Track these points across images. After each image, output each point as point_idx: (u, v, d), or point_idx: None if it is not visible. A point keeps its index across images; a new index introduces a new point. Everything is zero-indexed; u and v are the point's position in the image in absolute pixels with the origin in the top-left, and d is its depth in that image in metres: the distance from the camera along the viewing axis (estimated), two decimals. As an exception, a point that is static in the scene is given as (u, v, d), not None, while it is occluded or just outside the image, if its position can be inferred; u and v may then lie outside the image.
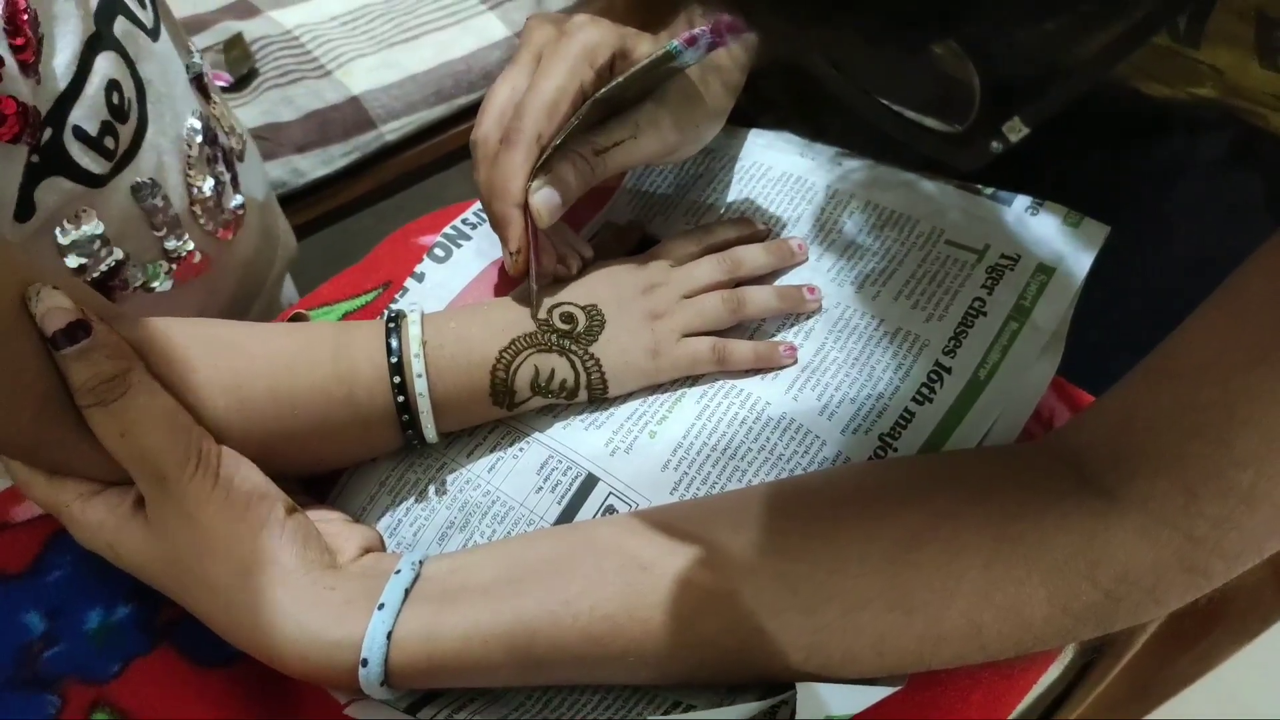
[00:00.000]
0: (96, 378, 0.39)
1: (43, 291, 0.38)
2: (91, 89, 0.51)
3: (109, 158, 0.53)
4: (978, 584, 0.39)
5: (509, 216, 0.48)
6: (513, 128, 0.48)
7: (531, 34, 0.51)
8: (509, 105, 0.49)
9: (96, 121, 0.52)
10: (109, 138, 0.53)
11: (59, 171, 0.50)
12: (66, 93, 0.50)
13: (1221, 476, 0.36)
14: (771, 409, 0.49)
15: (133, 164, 0.55)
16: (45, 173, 0.50)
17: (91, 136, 0.51)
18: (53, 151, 0.50)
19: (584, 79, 0.48)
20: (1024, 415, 0.50)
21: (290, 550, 0.40)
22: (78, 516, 0.41)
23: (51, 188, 0.50)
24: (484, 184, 0.49)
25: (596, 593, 0.40)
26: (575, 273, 0.51)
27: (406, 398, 0.45)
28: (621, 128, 0.50)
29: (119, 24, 0.54)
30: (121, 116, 0.53)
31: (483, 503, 0.47)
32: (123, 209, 0.54)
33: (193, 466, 0.40)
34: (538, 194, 0.47)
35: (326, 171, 1.00)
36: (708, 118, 0.54)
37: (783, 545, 0.40)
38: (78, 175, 0.51)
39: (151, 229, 0.56)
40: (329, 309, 0.56)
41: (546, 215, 0.47)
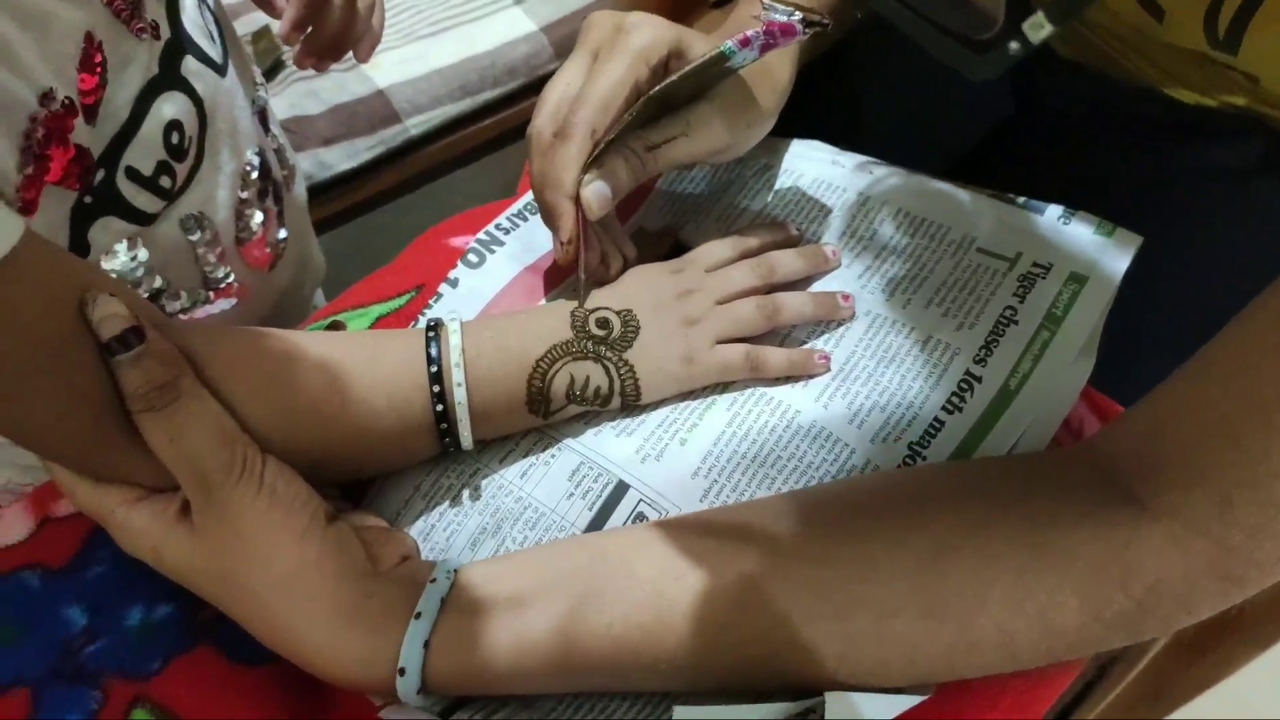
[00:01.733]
0: (149, 384, 0.39)
1: (100, 298, 0.39)
2: (147, 130, 0.51)
3: (164, 196, 0.53)
4: (1009, 592, 0.39)
5: (561, 207, 0.48)
6: (568, 121, 0.48)
7: (590, 30, 0.52)
8: (565, 99, 0.50)
9: (152, 161, 0.52)
10: (165, 177, 0.53)
11: (111, 211, 0.51)
12: (120, 134, 0.50)
13: (1257, 485, 0.36)
14: (802, 417, 0.49)
15: (183, 198, 0.55)
16: (98, 213, 0.50)
17: (146, 176, 0.52)
18: (105, 192, 0.50)
19: (640, 76, 0.49)
20: (1054, 425, 0.50)
21: (331, 559, 0.40)
22: (122, 522, 0.42)
23: (104, 227, 0.51)
24: (537, 174, 0.50)
25: (628, 602, 0.40)
26: (615, 274, 0.51)
27: (445, 406, 0.45)
28: (673, 125, 0.51)
29: (187, 63, 0.55)
30: (180, 155, 0.54)
31: (514, 509, 0.48)
32: (170, 240, 0.55)
33: (238, 473, 0.40)
34: (589, 186, 0.48)
35: (351, 165, 1.00)
36: (758, 119, 0.55)
37: (813, 552, 0.41)
38: (130, 215, 0.52)
39: (195, 260, 0.57)
40: (363, 312, 0.56)
41: (597, 207, 0.48)
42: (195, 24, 0.57)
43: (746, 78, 0.53)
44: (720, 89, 0.52)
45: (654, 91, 0.48)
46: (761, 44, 0.47)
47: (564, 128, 0.49)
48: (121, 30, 0.50)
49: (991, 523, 0.40)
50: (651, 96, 0.48)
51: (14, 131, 0.44)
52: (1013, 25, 0.31)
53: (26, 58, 0.44)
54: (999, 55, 0.32)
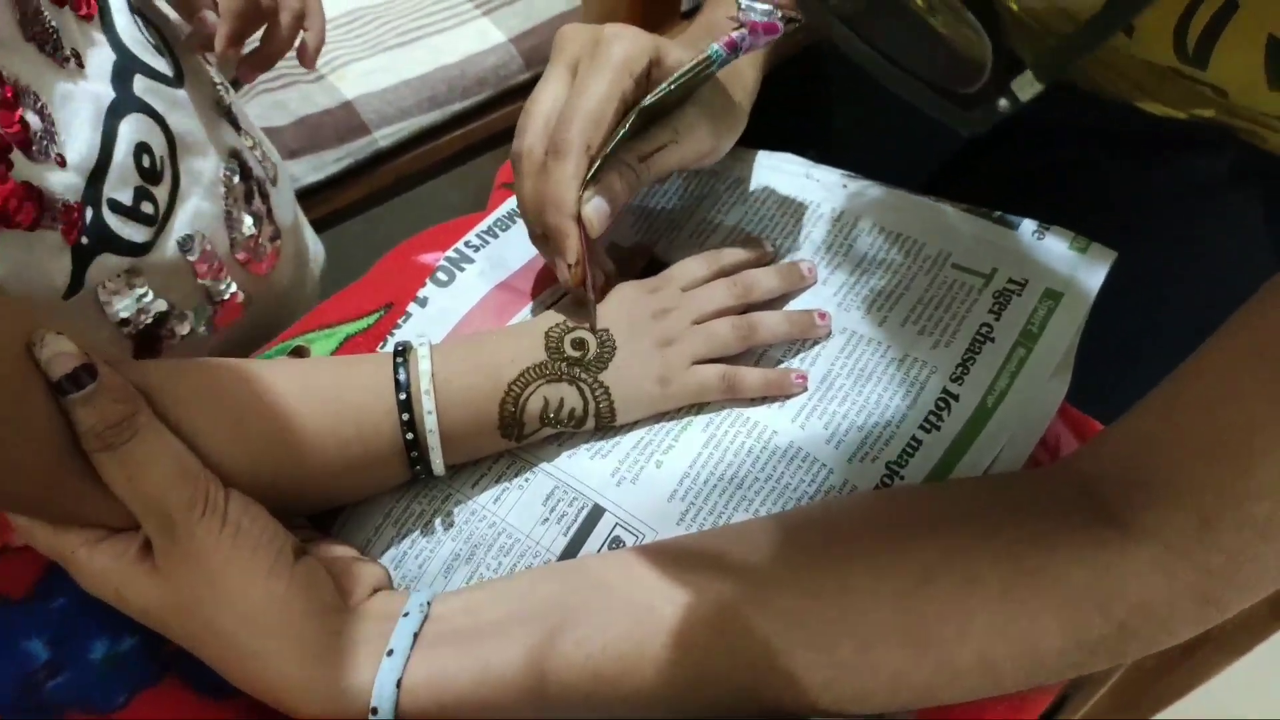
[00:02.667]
0: (103, 422, 0.38)
1: (47, 337, 0.38)
2: (119, 157, 0.50)
3: (149, 223, 0.53)
4: (992, 619, 0.39)
5: (565, 228, 0.47)
6: (560, 139, 0.47)
7: (565, 44, 0.51)
8: (551, 116, 0.49)
9: (129, 190, 0.51)
10: (146, 203, 0.52)
11: (106, 248, 0.50)
12: (95, 169, 0.49)
13: (1238, 508, 0.36)
14: (779, 438, 0.48)
15: (173, 222, 0.55)
16: (95, 252, 0.50)
17: (127, 206, 0.51)
18: (96, 230, 0.49)
19: (625, 88, 0.48)
20: (1031, 442, 0.49)
21: (299, 595, 0.39)
22: (84, 564, 0.41)
23: (100, 265, 0.50)
24: (531, 196, 0.49)
25: (607, 632, 0.39)
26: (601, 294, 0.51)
27: (415, 433, 0.44)
28: (662, 133, 0.50)
29: (138, 82, 0.54)
30: (154, 178, 0.53)
31: (488, 535, 0.47)
32: (168, 265, 0.54)
33: (200, 510, 0.39)
34: (590, 204, 0.47)
35: (318, 177, 0.99)
36: (738, 121, 0.54)
37: (794, 582, 0.40)
38: (123, 248, 0.51)
39: (195, 278, 0.56)
40: (331, 331, 0.55)
41: (599, 224, 0.47)
42: (137, 41, 0.56)
43: (721, 80, 0.53)
44: (701, 93, 0.52)
45: (646, 103, 0.47)
46: (747, 45, 0.47)
47: (557, 146, 0.47)
48: (48, 64, 0.48)
49: (973, 548, 0.40)
50: (645, 108, 0.47)
51: None
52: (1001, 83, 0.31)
53: None
54: (987, 111, 0.32)
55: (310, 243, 0.78)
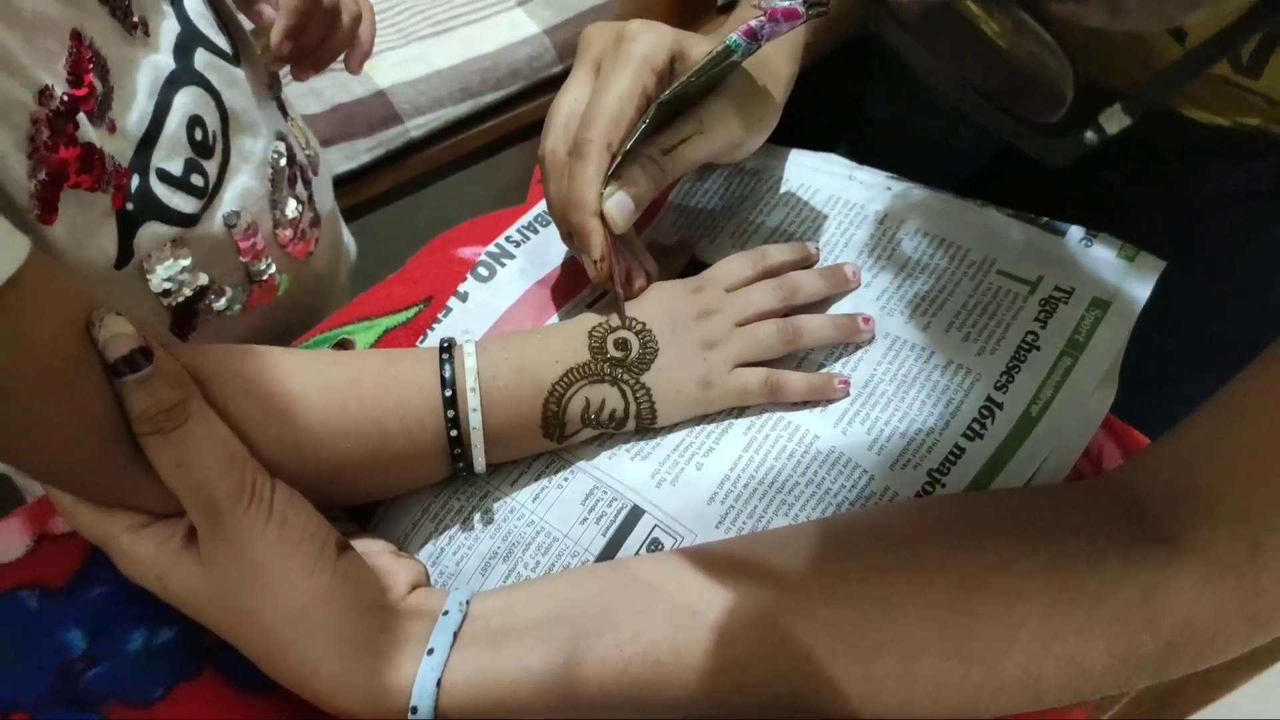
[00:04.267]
0: (156, 406, 0.38)
1: (106, 318, 0.38)
2: (171, 128, 0.50)
3: (199, 195, 0.53)
4: (1037, 633, 0.38)
5: (588, 226, 0.47)
6: (581, 138, 0.47)
7: (589, 43, 0.51)
8: (574, 116, 0.49)
9: (180, 161, 0.51)
10: (196, 175, 0.53)
11: (153, 217, 0.50)
12: (145, 137, 0.50)
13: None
14: (820, 442, 0.48)
15: (220, 196, 0.55)
16: (141, 219, 0.50)
17: (176, 177, 0.51)
18: (143, 198, 0.50)
19: (647, 83, 0.48)
20: (1075, 453, 0.49)
21: (341, 590, 0.39)
22: (126, 549, 0.41)
23: (149, 233, 0.50)
24: (555, 196, 0.49)
25: (646, 637, 0.39)
26: (639, 289, 0.50)
27: (459, 430, 0.44)
28: (687, 125, 0.50)
29: (199, 56, 0.54)
30: (206, 152, 0.53)
31: (527, 533, 0.47)
32: (213, 239, 0.55)
33: (247, 500, 0.39)
34: (612, 199, 0.47)
35: (351, 166, 0.99)
36: (769, 111, 0.54)
37: (837, 591, 0.40)
38: (171, 218, 0.51)
39: (238, 255, 0.56)
40: (370, 324, 0.55)
41: (621, 220, 0.47)
42: (201, 16, 0.57)
43: (749, 71, 0.53)
44: (728, 84, 0.52)
45: (665, 96, 0.47)
46: (768, 32, 0.46)
47: (578, 145, 0.47)
48: (117, 29, 0.49)
49: (1019, 560, 0.39)
50: (663, 101, 0.47)
51: (18, 134, 0.43)
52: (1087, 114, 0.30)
53: (18, 56, 0.43)
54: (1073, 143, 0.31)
55: (345, 236, 0.79)
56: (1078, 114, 0.30)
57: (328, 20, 0.68)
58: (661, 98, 0.47)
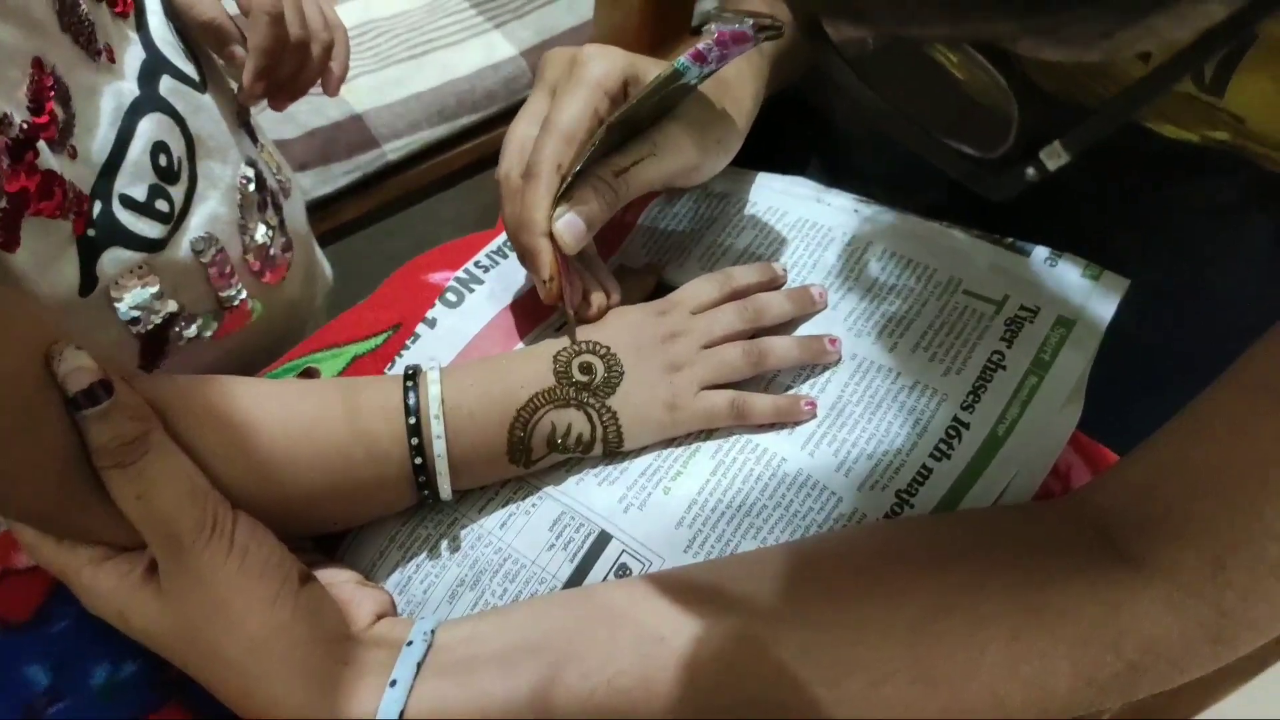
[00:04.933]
0: (116, 439, 0.38)
1: (66, 351, 0.37)
2: (134, 154, 0.50)
3: (164, 220, 0.53)
4: (1002, 656, 0.38)
5: (537, 246, 0.48)
6: (533, 161, 0.48)
7: (546, 68, 0.52)
8: (528, 140, 0.49)
9: (144, 187, 0.51)
10: (161, 200, 0.52)
11: (117, 243, 0.50)
12: (108, 163, 0.49)
13: (1251, 548, 0.36)
14: (787, 465, 0.48)
15: (188, 222, 0.55)
16: (103, 246, 0.49)
17: (140, 202, 0.51)
18: (105, 224, 0.49)
19: (599, 106, 0.49)
20: (1043, 471, 0.49)
21: (303, 622, 0.39)
22: (88, 583, 0.40)
23: (112, 259, 0.50)
24: (510, 218, 0.50)
25: (613, 665, 0.39)
26: (597, 313, 0.51)
27: (424, 458, 0.44)
28: (640, 147, 0.50)
29: (165, 83, 0.54)
30: (171, 178, 0.53)
31: (494, 560, 0.46)
32: (181, 265, 0.54)
33: (208, 532, 0.39)
34: (561, 220, 0.48)
35: (327, 190, 0.99)
36: (726, 135, 0.54)
37: (805, 616, 0.40)
38: (136, 243, 0.51)
39: (207, 282, 0.56)
40: (338, 351, 0.55)
41: (571, 241, 0.48)
42: (167, 43, 0.57)
43: (709, 95, 0.53)
44: (684, 107, 0.52)
45: (615, 117, 0.47)
46: (717, 55, 0.46)
47: (530, 167, 0.48)
48: (81, 56, 0.49)
49: (985, 583, 0.39)
50: (612, 123, 0.47)
51: None
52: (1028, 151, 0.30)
53: None
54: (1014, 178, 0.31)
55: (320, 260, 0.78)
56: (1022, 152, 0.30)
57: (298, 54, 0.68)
58: (611, 119, 0.47)
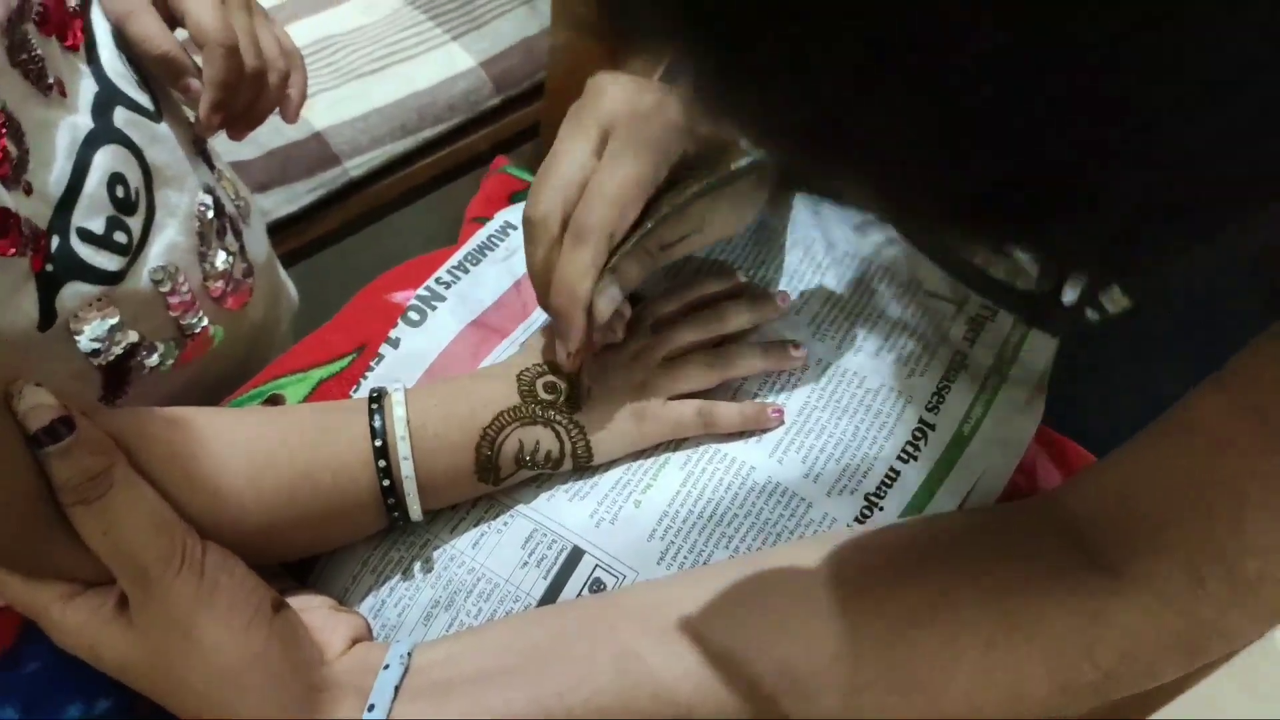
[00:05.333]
0: (79, 475, 0.37)
1: (25, 389, 0.37)
2: (91, 187, 0.50)
3: (123, 252, 0.52)
4: (978, 663, 0.38)
5: (573, 318, 0.45)
6: (583, 223, 0.44)
7: (600, 102, 0.46)
8: (573, 186, 0.45)
9: (102, 219, 0.51)
10: (119, 232, 0.52)
11: (75, 277, 0.50)
12: (64, 198, 0.49)
13: (1228, 562, 0.36)
14: (756, 473, 0.48)
15: (146, 252, 0.54)
16: (62, 280, 0.49)
17: (98, 235, 0.51)
18: (63, 258, 0.49)
19: (659, 175, 0.45)
20: (1009, 468, 0.50)
21: (277, 652, 0.39)
22: (58, 619, 0.40)
23: (71, 293, 0.49)
24: (542, 271, 0.46)
25: (590, 684, 0.39)
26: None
27: (392, 480, 0.44)
28: (686, 222, 0.47)
29: (119, 114, 0.53)
30: (129, 209, 0.53)
31: (468, 580, 0.46)
32: (141, 296, 0.54)
33: (177, 565, 0.39)
34: (603, 295, 0.45)
35: (290, 209, 0.98)
36: (758, 203, 0.52)
37: (780, 630, 0.40)
38: (94, 276, 0.51)
39: (167, 310, 0.56)
40: (302, 376, 0.55)
41: (607, 313, 0.45)
42: (119, 74, 0.56)
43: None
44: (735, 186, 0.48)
45: (680, 201, 0.45)
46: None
47: (580, 229, 0.44)
48: (31, 90, 0.48)
49: (961, 591, 0.40)
50: (678, 206, 0.45)
51: None
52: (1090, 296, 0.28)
53: None
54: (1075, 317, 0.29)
55: (284, 283, 0.78)
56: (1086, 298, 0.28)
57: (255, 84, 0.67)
58: (677, 204, 0.45)
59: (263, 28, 0.66)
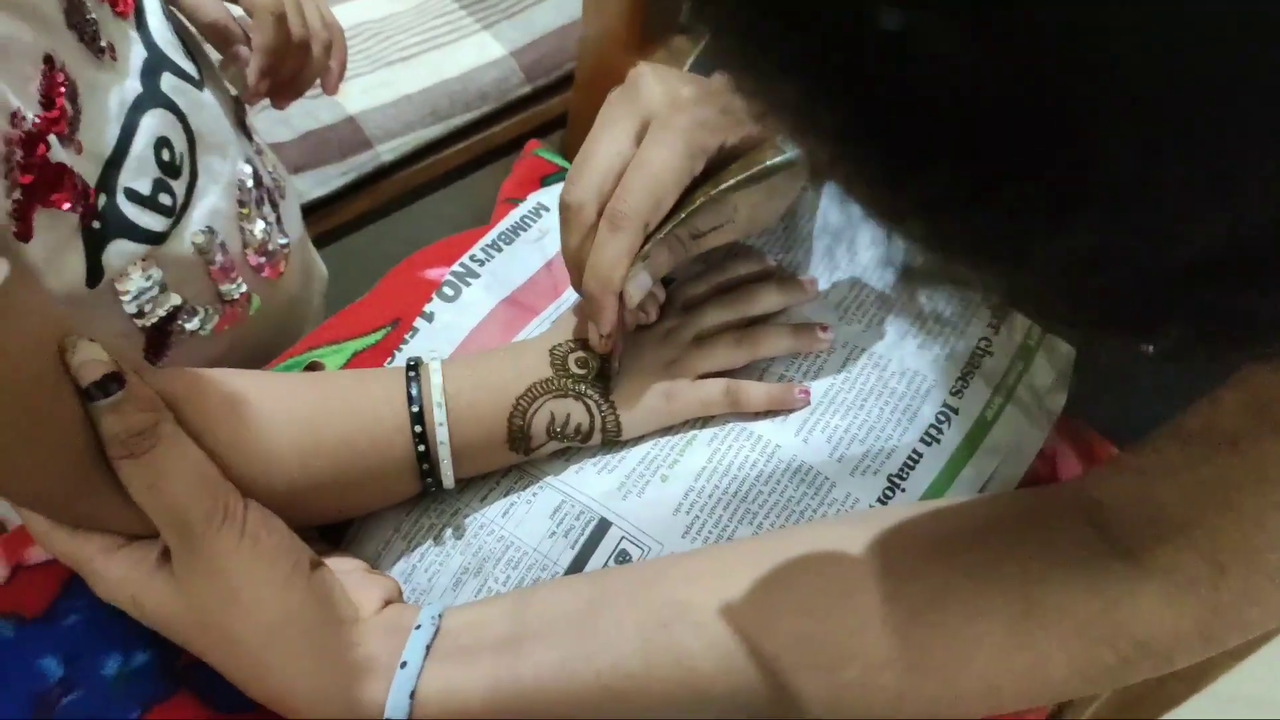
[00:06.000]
0: (128, 430, 0.39)
1: (79, 344, 0.38)
2: (138, 149, 0.51)
3: (168, 214, 0.54)
4: (999, 647, 0.39)
5: (605, 302, 0.46)
6: (619, 210, 0.45)
7: (639, 91, 0.47)
8: (610, 174, 0.46)
9: (148, 180, 0.52)
10: (164, 194, 0.53)
11: (121, 235, 0.51)
12: (112, 157, 0.50)
13: (1250, 554, 0.36)
14: (782, 451, 0.49)
15: (189, 215, 0.56)
16: (108, 237, 0.51)
17: (145, 196, 0.52)
18: (110, 216, 0.51)
19: (695, 166, 0.46)
20: (1030, 455, 0.50)
21: (314, 607, 0.40)
22: (101, 570, 0.41)
23: (117, 251, 0.51)
24: (576, 256, 0.47)
25: (616, 649, 0.40)
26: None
27: (427, 445, 0.45)
28: (720, 213, 0.48)
29: (166, 80, 0.55)
30: (174, 172, 0.54)
31: (496, 548, 0.47)
32: (183, 259, 0.55)
33: (219, 520, 0.40)
34: (634, 281, 0.46)
35: (323, 192, 1.00)
36: (795, 192, 0.52)
37: (804, 603, 0.41)
38: (139, 235, 0.52)
39: (209, 275, 0.57)
40: (338, 348, 0.56)
41: (637, 298, 0.47)
42: (167, 41, 0.58)
43: None
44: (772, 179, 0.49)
45: (715, 192, 0.45)
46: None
47: (615, 216, 0.45)
48: (86, 53, 0.50)
49: (984, 574, 0.40)
50: (713, 197, 0.46)
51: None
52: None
53: None
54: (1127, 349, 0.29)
55: (316, 259, 0.80)
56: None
57: (301, 53, 0.69)
58: (712, 194, 0.45)
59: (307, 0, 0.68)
